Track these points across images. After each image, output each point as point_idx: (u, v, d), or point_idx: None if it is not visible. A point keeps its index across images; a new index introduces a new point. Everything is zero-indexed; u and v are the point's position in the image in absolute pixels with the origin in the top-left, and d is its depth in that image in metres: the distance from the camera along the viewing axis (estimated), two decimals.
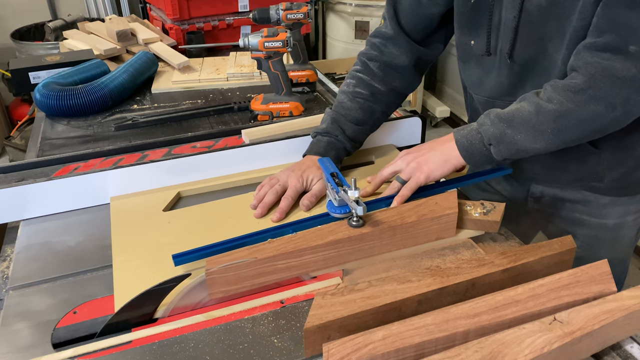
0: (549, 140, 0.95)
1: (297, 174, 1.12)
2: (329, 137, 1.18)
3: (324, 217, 1.03)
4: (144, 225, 1.08)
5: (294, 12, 1.70)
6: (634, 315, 0.73)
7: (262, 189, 1.12)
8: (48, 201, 1.13)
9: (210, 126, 1.57)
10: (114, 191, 1.17)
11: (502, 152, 0.98)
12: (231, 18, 2.36)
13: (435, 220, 0.97)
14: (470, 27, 1.10)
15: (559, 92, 0.93)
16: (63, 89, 1.61)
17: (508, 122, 0.97)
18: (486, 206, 1.01)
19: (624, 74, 0.88)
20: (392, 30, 1.19)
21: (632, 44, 0.87)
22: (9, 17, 3.55)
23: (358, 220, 0.94)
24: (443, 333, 0.70)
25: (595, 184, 1.14)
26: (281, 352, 0.78)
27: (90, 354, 0.79)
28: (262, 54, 1.47)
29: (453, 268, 0.83)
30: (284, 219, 1.07)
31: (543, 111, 0.94)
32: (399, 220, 0.95)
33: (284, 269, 0.90)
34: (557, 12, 0.96)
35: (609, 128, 0.95)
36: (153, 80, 1.89)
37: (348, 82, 1.24)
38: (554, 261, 0.87)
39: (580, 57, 0.92)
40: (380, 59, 1.21)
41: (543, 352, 0.66)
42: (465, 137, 1.02)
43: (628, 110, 0.91)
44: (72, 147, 1.46)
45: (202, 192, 1.21)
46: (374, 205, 1.04)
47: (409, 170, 1.06)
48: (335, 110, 1.21)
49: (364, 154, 1.31)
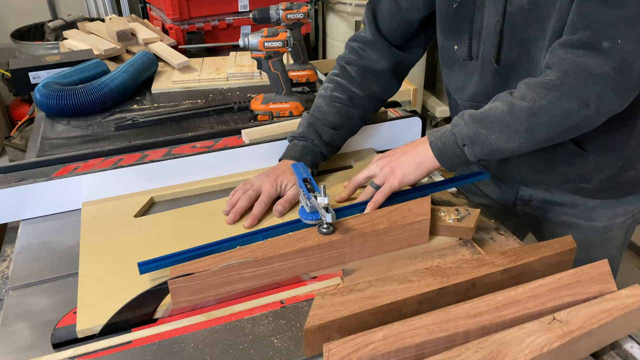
0: (523, 139, 0.94)
1: (271, 179, 1.11)
2: (305, 142, 1.17)
3: (296, 224, 1.02)
4: (113, 231, 1.06)
5: (294, 12, 1.70)
6: (632, 313, 0.73)
7: (236, 194, 1.10)
8: (48, 201, 1.13)
9: (210, 126, 1.57)
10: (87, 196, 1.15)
11: (476, 153, 0.97)
12: (231, 18, 2.36)
13: (407, 227, 0.96)
14: (453, 32, 1.10)
15: (532, 89, 0.93)
16: (63, 89, 1.61)
17: (481, 122, 0.96)
18: (460, 212, 1.00)
19: (597, 71, 0.87)
20: (370, 35, 1.19)
21: (606, 41, 0.86)
22: (9, 17, 3.55)
23: (328, 227, 0.92)
24: (444, 333, 0.70)
25: (583, 185, 1.13)
26: (281, 352, 0.78)
27: (90, 354, 0.79)
28: (262, 53, 1.47)
29: (453, 268, 0.82)
30: (257, 225, 1.05)
31: (516, 109, 0.93)
32: (370, 227, 0.94)
33: (252, 278, 0.88)
34: (538, 13, 0.95)
35: (582, 127, 0.93)
36: (153, 80, 1.88)
37: (326, 86, 1.23)
38: (554, 261, 0.87)
39: (555, 54, 0.91)
40: (359, 63, 1.20)
41: (543, 352, 0.66)
42: (439, 139, 1.01)
43: (601, 108, 0.90)
44: (72, 147, 1.46)
45: (177, 197, 1.19)
46: (348, 211, 1.03)
47: (382, 175, 1.05)
48: (312, 114, 1.20)
49: (343, 158, 1.30)
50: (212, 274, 0.85)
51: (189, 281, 0.84)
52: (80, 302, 0.88)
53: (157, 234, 1.05)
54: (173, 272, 0.86)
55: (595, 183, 1.12)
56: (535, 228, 1.29)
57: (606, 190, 1.14)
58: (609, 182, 1.11)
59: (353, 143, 1.31)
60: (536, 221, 1.27)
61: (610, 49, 0.86)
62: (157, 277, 0.91)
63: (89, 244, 1.03)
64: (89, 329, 0.83)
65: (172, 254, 0.93)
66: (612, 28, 0.85)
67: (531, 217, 1.26)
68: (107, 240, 1.03)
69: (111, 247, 1.01)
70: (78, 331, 0.83)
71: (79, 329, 0.83)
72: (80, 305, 0.87)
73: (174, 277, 0.84)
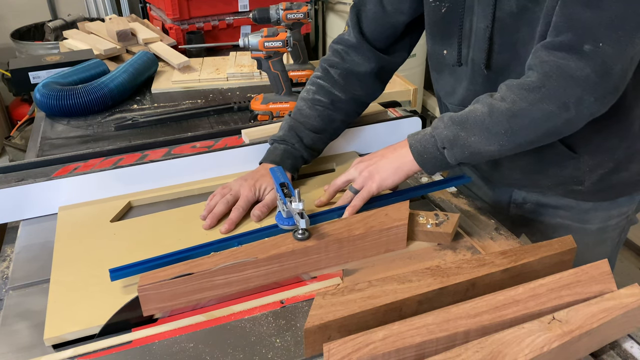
0: (503, 141, 0.93)
1: (250, 183, 1.09)
2: (286, 145, 1.15)
3: (273, 229, 1.00)
4: (88, 236, 1.04)
5: (294, 12, 1.70)
6: (631, 313, 0.73)
7: (214, 198, 1.09)
8: (48, 201, 1.13)
9: (210, 126, 1.57)
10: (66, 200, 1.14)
11: (456, 156, 0.96)
12: (231, 18, 2.36)
13: (384, 233, 0.95)
14: (442, 36, 1.09)
15: (513, 90, 0.92)
16: (63, 89, 1.61)
17: (461, 125, 0.95)
18: (439, 217, 1.00)
19: (578, 74, 0.86)
20: (354, 38, 1.17)
21: (587, 44, 0.85)
22: (9, 17, 3.55)
23: (303, 233, 0.91)
24: (444, 333, 0.70)
25: (575, 187, 1.12)
26: (281, 352, 0.78)
27: (90, 354, 0.79)
28: (262, 53, 1.47)
29: (453, 268, 0.82)
30: (235, 230, 1.04)
31: (496, 111, 0.92)
32: (346, 233, 0.93)
33: (224, 285, 0.87)
34: (527, 17, 0.95)
35: (562, 130, 0.93)
36: (153, 80, 1.88)
37: (308, 89, 1.21)
38: (554, 261, 0.87)
39: (537, 56, 0.91)
40: (342, 66, 1.19)
41: (543, 352, 0.66)
42: (419, 142, 1.00)
43: (581, 111, 0.89)
44: (72, 147, 1.46)
45: (155, 201, 1.17)
46: (326, 216, 1.02)
47: (361, 180, 1.04)
48: (294, 117, 1.18)
49: (325, 162, 1.28)
50: (183, 281, 0.84)
51: (158, 288, 0.83)
52: (49, 309, 0.86)
53: (133, 239, 1.03)
54: (143, 279, 0.84)
55: (588, 185, 1.11)
56: (529, 231, 1.29)
57: (599, 192, 1.13)
58: (602, 184, 1.11)
59: (335, 146, 1.29)
60: (530, 224, 1.26)
61: (592, 52, 0.85)
62: (129, 283, 0.90)
63: (63, 249, 1.01)
64: (57, 337, 0.82)
65: (144, 260, 0.92)
66: (594, 31, 0.84)
67: (525, 220, 1.26)
68: (81, 245, 1.02)
69: (85, 253, 1.00)
70: (45, 339, 0.81)
71: (46, 337, 0.81)
72: (50, 312, 0.86)
73: (143, 284, 0.83)
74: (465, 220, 1.07)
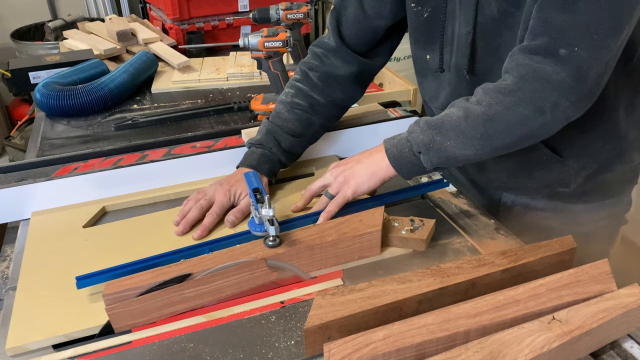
0: (479, 146, 0.92)
1: (225, 188, 1.08)
2: (263, 149, 1.14)
3: (246, 235, 0.99)
4: (59, 242, 1.03)
5: (294, 12, 1.70)
6: (631, 313, 0.73)
7: (188, 203, 1.07)
8: (48, 201, 1.13)
9: (210, 126, 1.57)
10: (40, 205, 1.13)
11: (432, 160, 0.95)
12: (231, 18, 2.36)
13: (357, 239, 0.93)
14: (424, 41, 1.09)
15: (488, 94, 0.91)
16: (63, 89, 1.61)
17: (437, 129, 0.94)
18: (415, 223, 0.98)
19: (554, 78, 0.86)
20: (334, 42, 1.16)
21: (562, 48, 0.85)
22: (9, 17, 3.55)
23: (274, 240, 0.90)
24: (444, 333, 0.70)
25: (561, 190, 1.12)
26: (281, 352, 0.78)
27: (90, 354, 0.79)
28: (262, 53, 1.47)
29: (453, 268, 0.82)
30: (208, 236, 1.02)
31: (472, 115, 0.91)
32: (318, 240, 0.91)
33: (195, 297, 0.85)
34: (509, 21, 0.94)
35: (538, 134, 0.92)
36: (153, 80, 1.89)
37: (287, 92, 1.19)
38: (554, 261, 0.87)
39: (514, 59, 0.90)
40: (321, 69, 1.18)
41: (543, 352, 0.66)
42: (395, 146, 0.99)
43: (556, 115, 0.88)
44: (72, 147, 1.46)
45: (130, 206, 1.15)
46: (301, 222, 1.01)
47: (336, 185, 1.02)
48: (272, 121, 1.17)
49: (304, 165, 1.26)
50: (151, 297, 0.82)
51: (127, 306, 0.82)
52: (13, 318, 0.85)
53: (104, 245, 1.01)
54: (108, 287, 0.83)
55: (574, 187, 1.11)
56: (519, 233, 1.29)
57: (586, 194, 1.13)
58: (587, 186, 1.11)
59: (315, 150, 1.27)
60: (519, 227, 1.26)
61: (567, 56, 0.84)
62: (96, 291, 0.88)
63: (32, 255, 1.00)
64: (19, 347, 0.80)
65: (112, 267, 0.91)
66: (569, 35, 0.84)
67: (514, 223, 1.26)
68: (51, 252, 1.00)
69: (54, 259, 0.98)
70: (7, 349, 0.80)
71: (8, 347, 0.80)
72: (14, 321, 0.85)
73: (108, 293, 0.82)
74: (465, 220, 1.07)
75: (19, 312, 0.87)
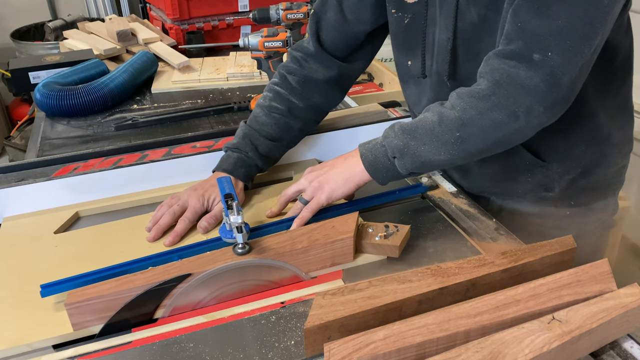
0: (453, 151, 0.91)
1: (199, 193, 1.06)
2: (239, 153, 1.12)
3: (217, 242, 0.97)
4: (28, 249, 1.01)
5: (294, 12, 1.70)
6: (631, 313, 0.73)
7: (161, 209, 1.05)
8: (48, 201, 1.13)
9: (210, 126, 1.57)
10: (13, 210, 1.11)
11: (406, 165, 0.94)
12: (231, 18, 2.36)
13: (329, 246, 0.91)
14: (405, 47, 1.09)
15: (463, 98, 0.91)
16: (63, 89, 1.61)
17: (412, 134, 0.93)
18: (389, 229, 0.97)
19: (527, 83, 0.85)
20: (313, 47, 1.15)
21: (536, 52, 0.84)
22: (9, 17, 3.55)
23: (243, 247, 0.88)
24: (444, 332, 0.70)
25: (546, 194, 1.12)
26: (281, 352, 0.78)
27: (90, 354, 0.79)
28: (262, 53, 1.47)
29: (453, 268, 0.82)
30: (181, 242, 1.00)
31: (446, 120, 0.91)
32: (289, 247, 0.90)
33: None
34: (489, 27, 0.94)
35: (512, 140, 0.92)
36: (153, 80, 1.89)
37: (265, 96, 1.18)
38: (555, 261, 0.87)
39: (489, 64, 0.89)
40: (300, 73, 1.16)
41: (543, 352, 0.66)
42: (370, 151, 0.97)
43: (530, 120, 0.87)
44: (72, 147, 1.46)
45: (105, 211, 1.13)
46: (274, 228, 0.99)
47: (311, 190, 1.01)
48: (249, 124, 1.15)
49: (283, 170, 1.24)
50: (112, 301, 0.81)
51: (86, 307, 0.80)
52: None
53: (75, 251, 0.99)
54: (71, 296, 0.81)
55: (559, 192, 1.10)
56: None
57: (571, 198, 1.12)
58: (572, 190, 1.10)
59: (295, 153, 1.25)
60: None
61: (541, 61, 0.84)
62: (62, 299, 0.85)
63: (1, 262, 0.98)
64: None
65: (78, 275, 0.88)
66: (543, 40, 0.84)
67: None
68: (19, 258, 0.99)
69: (22, 266, 0.96)
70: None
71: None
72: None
73: (70, 302, 0.80)
74: (465, 220, 1.07)
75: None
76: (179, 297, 0.86)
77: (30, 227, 1.07)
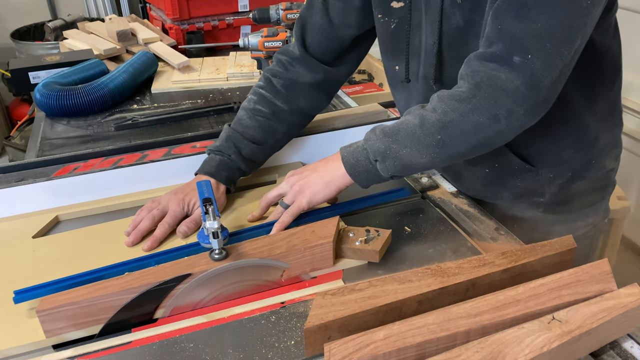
0: (434, 153, 0.91)
1: (179, 197, 1.05)
2: (222, 156, 1.10)
3: (195, 247, 0.95)
4: (5, 253, 0.98)
5: (293, 12, 1.70)
6: (631, 312, 0.73)
7: (140, 213, 1.04)
8: (48, 201, 1.13)
9: (210, 126, 1.57)
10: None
11: (388, 168, 0.94)
12: (231, 18, 2.36)
13: (308, 251, 0.90)
14: (392, 52, 1.08)
15: (444, 101, 0.90)
16: (63, 89, 1.61)
17: (393, 137, 0.93)
18: (370, 233, 0.96)
19: (508, 85, 0.85)
20: (298, 51, 1.15)
21: (516, 55, 0.84)
22: (9, 17, 3.55)
23: (220, 253, 0.86)
24: (445, 332, 0.70)
25: (537, 199, 1.12)
26: (281, 352, 0.78)
27: (90, 354, 0.79)
28: (262, 53, 1.47)
29: (453, 268, 0.82)
30: (160, 247, 0.98)
31: (427, 123, 0.91)
32: (267, 252, 0.88)
33: None
34: (474, 30, 0.94)
35: (493, 142, 0.91)
36: (153, 80, 1.89)
37: (249, 98, 1.17)
38: (555, 261, 0.87)
39: (470, 66, 0.89)
40: (285, 77, 1.16)
41: (543, 352, 0.66)
42: (351, 154, 0.97)
43: (511, 123, 0.87)
44: (72, 147, 1.46)
45: (86, 214, 1.11)
46: (254, 232, 0.98)
47: (291, 194, 1.00)
48: (233, 127, 1.14)
49: (267, 173, 1.23)
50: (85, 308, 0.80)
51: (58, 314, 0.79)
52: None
53: (52, 256, 0.97)
54: (43, 303, 0.79)
55: (549, 197, 1.10)
56: None
57: (562, 204, 1.12)
58: (562, 195, 1.10)
59: (279, 156, 1.24)
60: None
61: (521, 64, 0.84)
62: (35, 306, 0.82)
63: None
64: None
65: (51, 281, 0.87)
66: (523, 43, 0.83)
67: None
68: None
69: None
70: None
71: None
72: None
73: (42, 309, 0.78)
74: (465, 220, 1.07)
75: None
76: (178, 297, 0.86)
77: (8, 232, 1.06)
